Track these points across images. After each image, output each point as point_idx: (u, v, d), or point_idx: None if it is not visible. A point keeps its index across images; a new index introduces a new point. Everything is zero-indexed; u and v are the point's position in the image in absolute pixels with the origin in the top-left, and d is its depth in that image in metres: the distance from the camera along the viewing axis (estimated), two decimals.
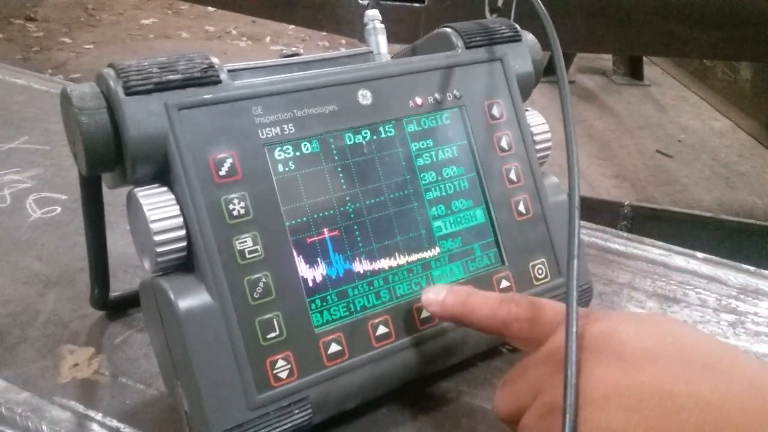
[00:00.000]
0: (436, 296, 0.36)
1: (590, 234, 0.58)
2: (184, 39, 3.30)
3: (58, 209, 0.56)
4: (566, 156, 0.36)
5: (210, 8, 3.20)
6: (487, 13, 0.49)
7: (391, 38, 0.47)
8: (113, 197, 0.34)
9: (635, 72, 3.23)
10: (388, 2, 1.52)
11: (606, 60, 3.33)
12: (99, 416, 0.38)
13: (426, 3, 1.53)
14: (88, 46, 3.04)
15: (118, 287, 0.46)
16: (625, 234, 0.58)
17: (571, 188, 0.34)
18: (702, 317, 0.48)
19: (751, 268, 0.54)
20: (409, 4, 1.53)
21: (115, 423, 0.37)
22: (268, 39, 3.37)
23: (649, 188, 2.36)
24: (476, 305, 0.35)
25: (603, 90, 3.15)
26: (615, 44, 1.76)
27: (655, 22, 1.46)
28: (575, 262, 0.31)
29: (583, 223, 0.60)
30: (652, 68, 3.36)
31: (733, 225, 1.08)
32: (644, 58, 3.23)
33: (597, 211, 1.13)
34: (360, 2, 1.58)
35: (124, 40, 3.17)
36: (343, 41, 3.15)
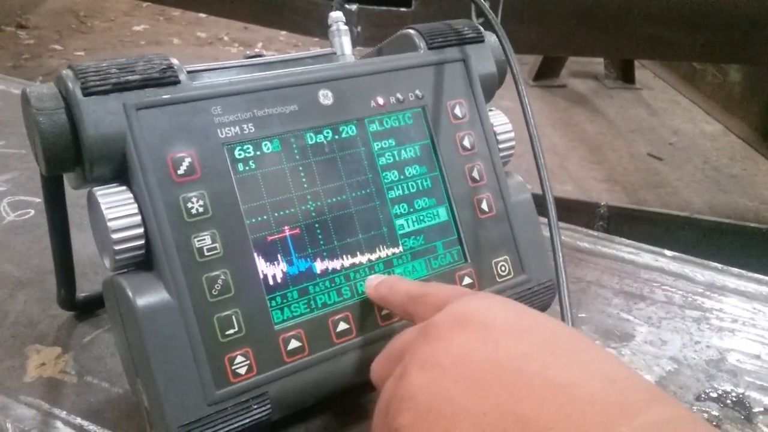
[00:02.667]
0: (371, 282, 0.39)
1: (561, 233, 0.58)
2: (176, 45, 3.30)
3: (32, 212, 0.57)
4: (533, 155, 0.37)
5: (201, 14, 3.21)
6: (474, 18, 0.50)
7: (378, 43, 0.48)
8: (86, 200, 0.35)
9: (627, 76, 3.24)
10: (374, 7, 1.53)
11: (598, 64, 3.35)
12: (63, 414, 0.38)
13: (412, 8, 1.53)
14: (79, 53, 3.04)
15: (89, 288, 0.47)
16: (596, 233, 0.58)
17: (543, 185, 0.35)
18: (667, 314, 0.49)
19: (719, 266, 0.54)
20: (395, 8, 1.54)
21: (78, 421, 0.38)
22: (260, 45, 3.38)
23: (640, 191, 2.37)
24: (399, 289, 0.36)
25: (595, 94, 3.16)
26: (604, 48, 1.77)
27: (643, 26, 1.46)
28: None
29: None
30: (643, 72, 3.37)
31: (708, 224, 1.09)
32: (636, 62, 3.24)
33: (574, 211, 1.13)
34: (347, 7, 1.59)
35: (115, 46, 3.18)
36: None
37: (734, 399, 0.41)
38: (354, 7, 1.57)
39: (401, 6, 1.52)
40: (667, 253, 0.56)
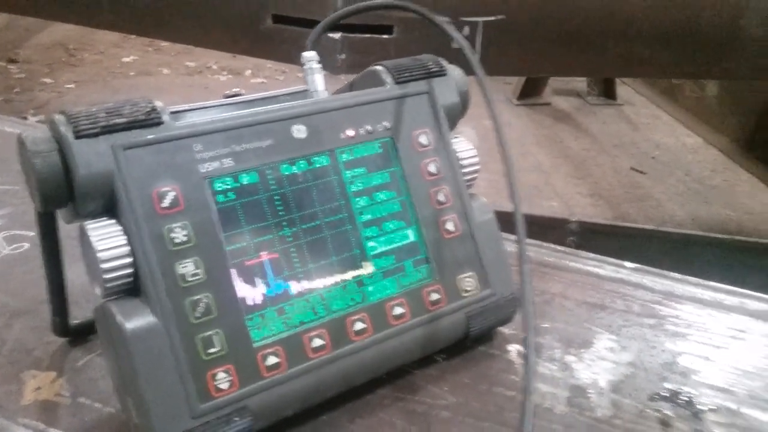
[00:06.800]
0: None
1: (527, 248, 0.61)
2: (165, 75, 3.35)
3: (26, 245, 0.60)
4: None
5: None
6: (453, 44, 0.53)
7: (362, 69, 0.51)
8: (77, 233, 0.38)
9: (608, 92, 3.31)
10: (357, 34, 1.57)
11: (580, 81, 3.41)
12: None
13: (394, 34, 1.58)
14: (69, 86, 3.08)
15: (80, 315, 0.50)
16: (562, 248, 0.62)
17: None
18: (626, 321, 0.52)
19: (677, 275, 0.58)
20: (378, 35, 1.59)
21: None
22: (248, 72, 3.43)
23: (624, 205, 2.41)
24: None
25: (578, 111, 3.22)
26: (582, 68, 1.81)
27: (618, 45, 1.51)
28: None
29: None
30: (624, 88, 3.44)
31: (677, 236, 1.13)
32: (617, 79, 3.31)
33: (545, 227, 1.17)
34: (330, 36, 1.63)
35: (105, 78, 3.22)
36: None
37: (685, 399, 0.44)
38: (338, 35, 1.61)
39: (383, 33, 1.57)
40: (628, 264, 0.59)
